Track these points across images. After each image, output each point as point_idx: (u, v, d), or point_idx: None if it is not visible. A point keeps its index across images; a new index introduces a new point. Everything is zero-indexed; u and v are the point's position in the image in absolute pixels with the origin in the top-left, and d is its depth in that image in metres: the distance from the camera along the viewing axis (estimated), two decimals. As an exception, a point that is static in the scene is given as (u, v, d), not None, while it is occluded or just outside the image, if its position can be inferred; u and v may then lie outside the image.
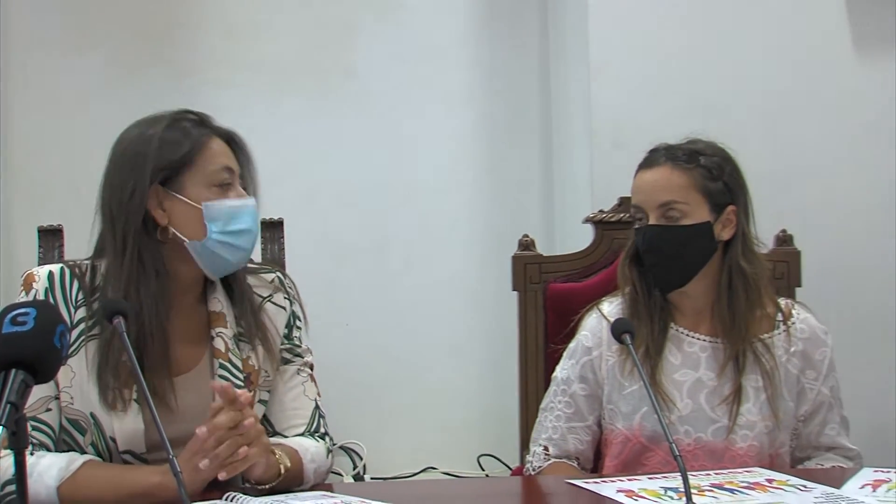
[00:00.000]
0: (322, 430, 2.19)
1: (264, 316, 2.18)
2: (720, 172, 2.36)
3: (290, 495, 1.96)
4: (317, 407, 2.21)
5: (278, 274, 2.25)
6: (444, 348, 3.73)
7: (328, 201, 3.70)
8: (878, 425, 3.00)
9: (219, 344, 2.10)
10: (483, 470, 3.65)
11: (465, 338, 3.72)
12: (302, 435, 2.15)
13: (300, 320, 2.24)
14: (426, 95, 3.73)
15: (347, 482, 3.57)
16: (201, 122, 2.10)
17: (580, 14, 3.33)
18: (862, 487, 2.06)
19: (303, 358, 2.23)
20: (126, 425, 2.02)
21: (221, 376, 2.07)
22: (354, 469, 3.66)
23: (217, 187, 2.06)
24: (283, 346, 2.20)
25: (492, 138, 3.76)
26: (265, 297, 2.20)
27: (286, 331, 2.20)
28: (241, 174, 2.12)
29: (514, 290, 2.74)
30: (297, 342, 2.23)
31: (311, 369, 2.25)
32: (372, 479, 3.60)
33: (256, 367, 2.14)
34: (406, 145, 3.73)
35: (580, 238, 2.84)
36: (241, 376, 2.10)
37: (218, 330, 2.11)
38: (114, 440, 2.01)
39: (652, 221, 2.34)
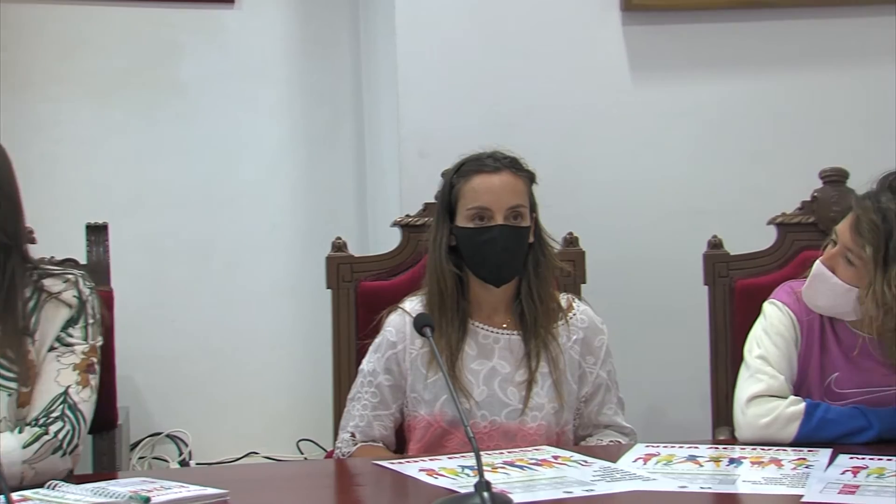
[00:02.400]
0: (56, 414, 2.04)
1: (42, 312, 2.10)
2: (533, 182, 2.45)
3: (111, 482, 1.92)
4: (65, 394, 2.07)
5: (77, 277, 2.17)
6: (265, 342, 3.70)
7: (154, 206, 3.62)
8: (650, 405, 3.11)
9: None
10: (302, 454, 3.64)
11: (284, 332, 3.70)
12: (31, 422, 2.03)
13: (87, 318, 2.14)
14: (247, 109, 3.70)
15: (173, 468, 3.52)
16: None
17: (389, 35, 3.34)
18: (635, 461, 2.14)
19: (72, 349, 2.11)
20: None
21: None
22: (180, 455, 3.60)
23: None
24: (55, 338, 2.11)
25: (308, 148, 3.75)
26: (52, 294, 2.12)
27: (63, 325, 2.11)
28: None
29: (328, 287, 2.75)
30: (73, 336, 2.12)
31: (90, 366, 2.13)
32: (197, 464, 3.55)
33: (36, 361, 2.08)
34: (228, 155, 3.69)
35: (390, 240, 2.86)
36: (15, 369, 2.05)
37: None
38: None
39: (500, 221, 2.37)
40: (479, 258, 2.39)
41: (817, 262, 2.30)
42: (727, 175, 3.36)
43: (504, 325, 2.46)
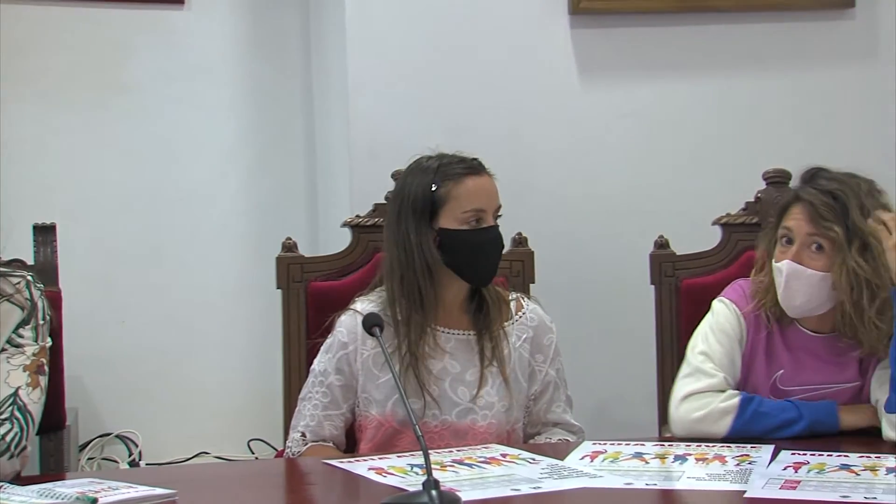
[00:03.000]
0: (5, 416, 2.02)
1: None
2: None
3: (58, 483, 1.90)
4: (14, 395, 2.05)
5: (27, 278, 2.15)
6: (215, 342, 3.68)
7: (103, 208, 3.59)
8: (598, 403, 3.13)
9: None
10: (253, 453, 3.62)
11: (235, 333, 3.68)
12: None
13: (37, 320, 2.12)
14: (196, 110, 3.66)
15: (122, 468, 3.48)
16: None
17: (339, 37, 3.33)
18: (582, 458, 2.15)
19: (22, 351, 2.10)
20: None
21: None
22: (130, 456, 3.56)
23: None
24: (6, 340, 2.09)
25: (258, 149, 3.73)
26: (4, 296, 2.10)
27: (15, 326, 2.09)
28: None
29: (278, 288, 2.73)
30: (23, 337, 2.10)
31: (40, 367, 2.11)
32: (147, 465, 3.52)
33: None
34: (177, 155, 3.66)
35: (340, 241, 2.85)
36: None
37: None
38: None
39: (491, 222, 2.39)
40: (473, 260, 2.39)
41: (785, 262, 2.28)
42: (673, 176, 3.38)
43: (457, 326, 2.46)
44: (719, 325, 2.38)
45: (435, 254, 2.36)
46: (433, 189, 2.38)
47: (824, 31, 3.40)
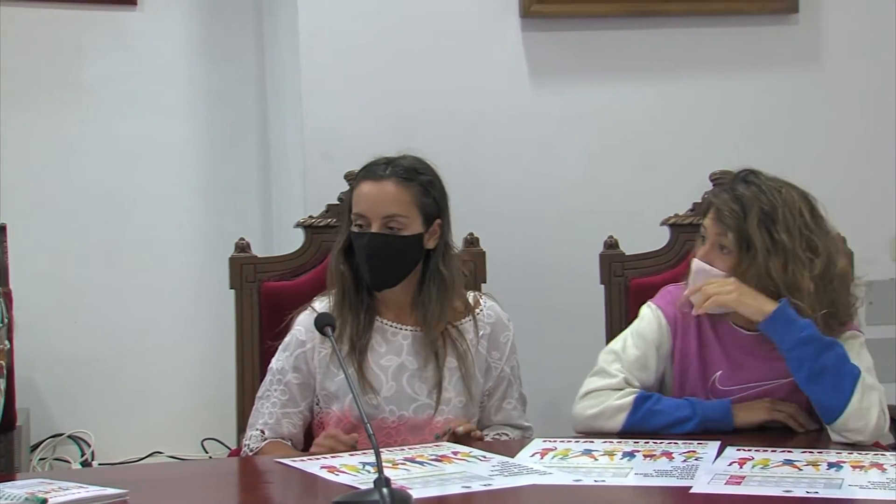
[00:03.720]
0: None
1: None
2: (432, 189, 2.45)
3: (8, 483, 1.87)
4: None
5: None
6: (169, 342, 3.65)
7: (57, 208, 3.55)
8: (549, 401, 3.13)
9: None
10: (207, 453, 3.60)
11: (189, 332, 3.65)
12: None
13: None
14: (151, 110, 3.64)
15: (74, 469, 3.45)
16: None
17: (292, 38, 3.32)
18: (532, 455, 2.16)
19: None
20: None
21: None
22: (83, 456, 3.53)
23: None
24: None
25: (213, 149, 3.70)
26: None
27: None
28: None
29: (231, 288, 2.72)
30: None
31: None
32: (100, 465, 3.49)
33: None
34: (132, 156, 3.63)
35: (295, 241, 2.84)
36: None
37: None
38: None
39: (375, 229, 2.38)
40: (360, 262, 2.41)
41: (694, 260, 2.35)
42: (622, 177, 3.40)
43: (412, 323, 2.46)
44: (639, 330, 2.42)
45: (337, 252, 2.43)
46: (350, 192, 2.45)
47: (769, 36, 3.43)
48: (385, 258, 2.39)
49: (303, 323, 2.46)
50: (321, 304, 2.46)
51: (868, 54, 3.47)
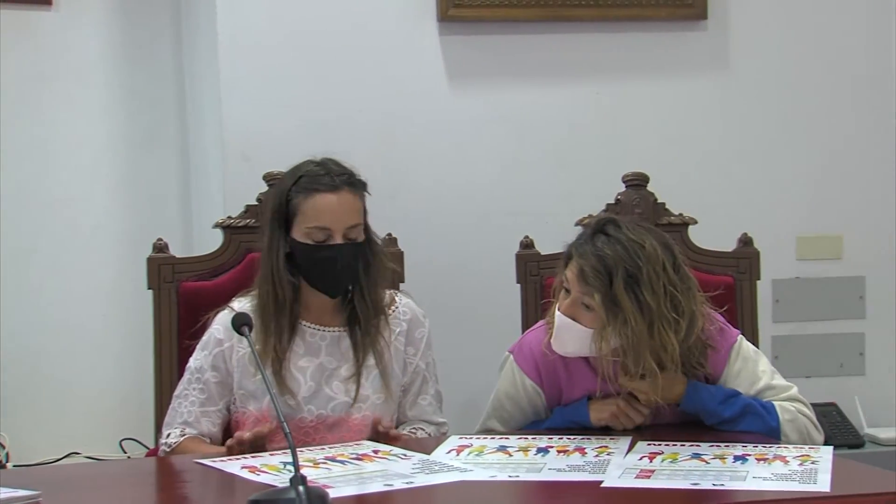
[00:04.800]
0: None
1: None
2: (365, 193, 2.46)
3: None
4: None
5: None
6: (87, 343, 3.59)
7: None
8: (466, 399, 3.15)
9: None
10: (125, 453, 3.55)
11: (107, 333, 3.59)
12: None
13: None
14: (67, 111, 3.57)
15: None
16: None
17: (210, 39, 3.29)
18: (448, 452, 2.18)
19: None
20: None
21: None
22: (-4, 458, 3.46)
23: None
24: None
25: (131, 150, 3.65)
26: None
27: None
28: None
29: (148, 288, 2.70)
30: None
31: None
32: (14, 466, 3.42)
33: None
34: (49, 156, 3.56)
35: (215, 241, 2.82)
36: None
37: None
38: None
39: (339, 241, 2.38)
40: (317, 273, 2.40)
41: (557, 313, 2.31)
42: (538, 178, 3.43)
43: (333, 324, 2.47)
44: (507, 393, 2.46)
45: (280, 260, 2.39)
46: (288, 200, 2.40)
47: (679, 41, 3.49)
48: (349, 267, 2.41)
49: (221, 322, 2.45)
50: (240, 305, 2.45)
51: (774, 59, 3.54)
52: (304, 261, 2.39)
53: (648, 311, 2.21)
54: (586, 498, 1.91)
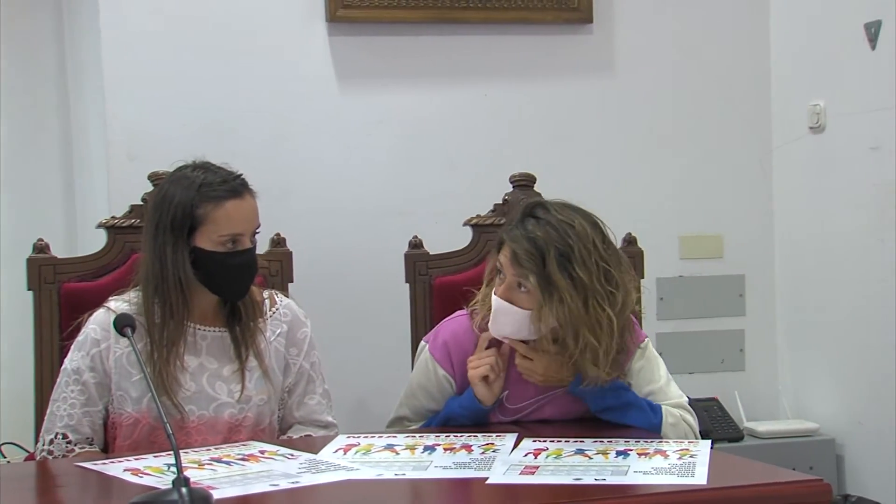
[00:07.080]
0: None
1: None
2: None
3: None
4: None
5: None
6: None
7: None
8: (357, 398, 3.15)
9: None
10: (5, 457, 3.45)
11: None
12: None
13: None
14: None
15: None
16: None
17: (94, 36, 3.23)
18: (336, 451, 2.16)
19: None
20: None
21: None
22: None
23: None
24: None
25: (14, 151, 3.54)
26: None
27: None
28: None
29: (29, 289, 2.63)
30: None
31: None
32: None
33: None
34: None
35: (99, 242, 2.75)
36: None
37: None
38: None
39: (247, 244, 2.36)
40: (227, 279, 2.37)
41: (494, 297, 2.32)
42: (427, 179, 3.44)
43: (212, 324, 2.44)
44: (419, 382, 2.47)
45: (189, 270, 2.34)
46: (192, 208, 2.34)
47: (565, 45, 3.53)
48: (255, 270, 2.41)
49: (98, 322, 2.40)
50: (116, 304, 2.40)
51: (656, 62, 3.62)
52: (214, 268, 2.35)
53: (583, 287, 2.24)
54: (471, 495, 1.92)
